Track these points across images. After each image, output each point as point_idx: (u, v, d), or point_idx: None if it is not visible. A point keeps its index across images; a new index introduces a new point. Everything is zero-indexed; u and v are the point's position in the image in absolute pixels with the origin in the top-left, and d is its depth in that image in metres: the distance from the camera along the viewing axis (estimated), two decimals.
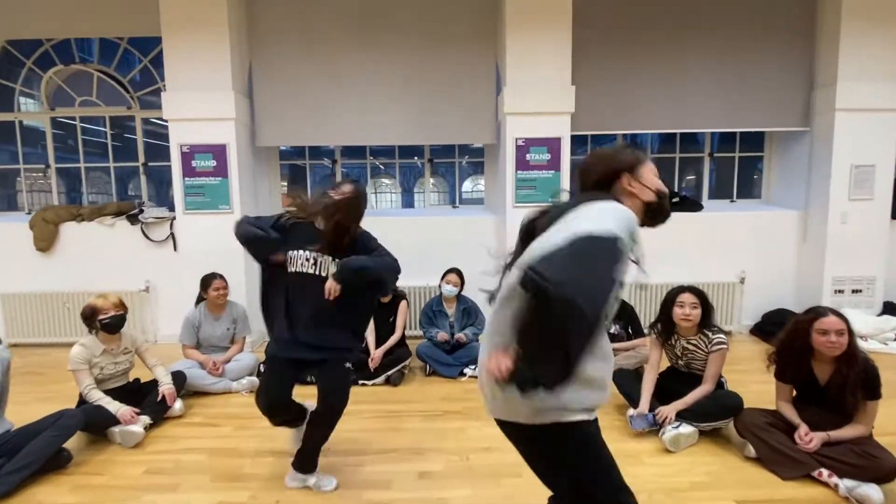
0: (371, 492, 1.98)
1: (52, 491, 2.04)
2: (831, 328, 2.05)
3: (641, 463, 2.18)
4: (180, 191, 3.92)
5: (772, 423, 2.20)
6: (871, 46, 3.86)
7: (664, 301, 2.59)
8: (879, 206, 4.04)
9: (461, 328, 3.43)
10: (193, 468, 2.19)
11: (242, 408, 2.85)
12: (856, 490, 1.88)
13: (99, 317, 2.55)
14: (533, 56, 3.79)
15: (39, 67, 4.43)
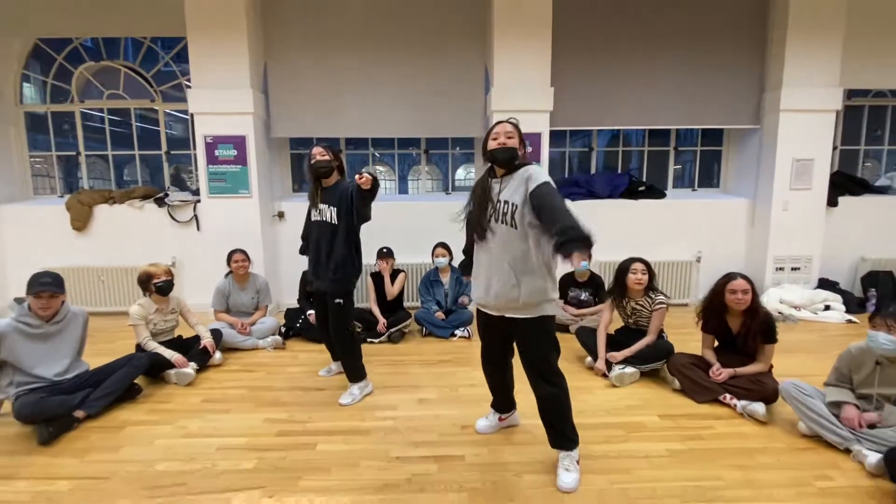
0: (382, 411, 2.57)
1: (132, 413, 2.60)
2: (738, 289, 2.65)
3: (592, 393, 2.78)
4: (204, 177, 4.42)
5: (694, 362, 2.81)
6: (812, 56, 4.42)
7: (618, 270, 3.18)
8: (816, 195, 4.64)
9: (454, 295, 4.02)
10: (239, 398, 2.77)
11: (270, 359, 3.42)
12: (748, 407, 2.49)
13: (153, 281, 3.09)
14: (517, 60, 4.32)
15: (70, 63, 4.87)
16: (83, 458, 2.17)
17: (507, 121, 1.95)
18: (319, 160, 2.59)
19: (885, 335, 2.09)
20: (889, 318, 2.10)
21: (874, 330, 2.14)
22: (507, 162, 1.90)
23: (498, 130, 1.91)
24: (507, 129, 1.91)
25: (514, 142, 1.90)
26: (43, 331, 2.53)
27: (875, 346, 2.12)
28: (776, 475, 1.99)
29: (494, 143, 1.90)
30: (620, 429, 2.37)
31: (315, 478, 1.98)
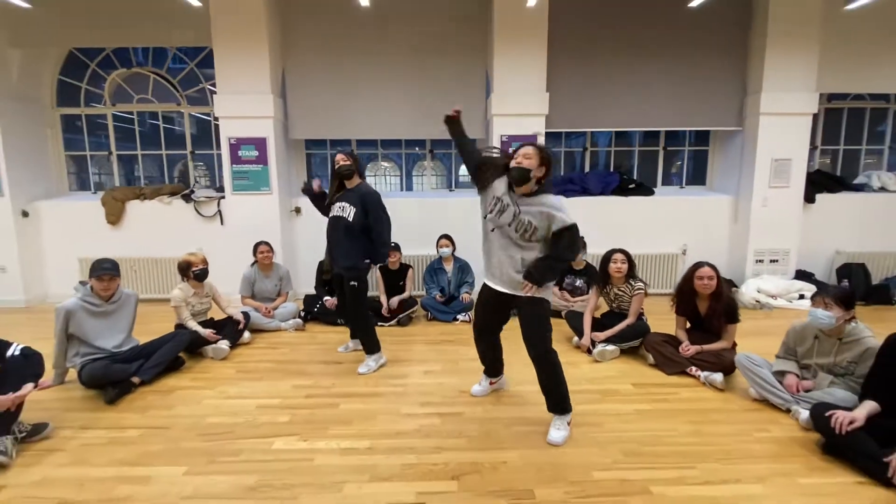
0: (393, 379, 2.99)
1: (178, 381, 3.03)
2: (705, 275, 3.04)
3: (578, 367, 3.18)
4: (229, 175, 4.83)
5: (666, 340, 3.20)
6: (789, 63, 4.76)
7: (602, 260, 3.57)
8: (794, 192, 5.00)
9: (457, 282, 4.43)
10: (269, 369, 3.19)
11: (292, 339, 3.84)
12: (709, 377, 2.89)
13: (192, 268, 3.52)
14: (515, 68, 4.69)
15: (102, 69, 5.29)
16: (144, 413, 2.60)
17: (531, 143, 2.28)
18: (343, 165, 3.02)
19: (822, 311, 2.44)
20: (826, 296, 2.46)
21: (814, 307, 2.51)
22: (518, 180, 2.22)
23: (520, 152, 2.23)
24: (527, 151, 2.22)
25: (531, 163, 2.19)
26: (103, 309, 2.96)
27: (814, 321, 2.49)
28: (723, 428, 2.38)
29: (514, 162, 2.22)
30: (598, 394, 2.77)
31: (340, 428, 2.39)
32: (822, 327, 2.48)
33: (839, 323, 2.40)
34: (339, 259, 3.08)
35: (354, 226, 2.98)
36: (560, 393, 2.34)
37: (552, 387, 2.35)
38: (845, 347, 2.43)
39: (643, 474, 1.99)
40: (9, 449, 2.13)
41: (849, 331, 2.43)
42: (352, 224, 2.98)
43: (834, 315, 2.39)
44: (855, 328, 2.43)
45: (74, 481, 1.98)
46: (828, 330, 2.49)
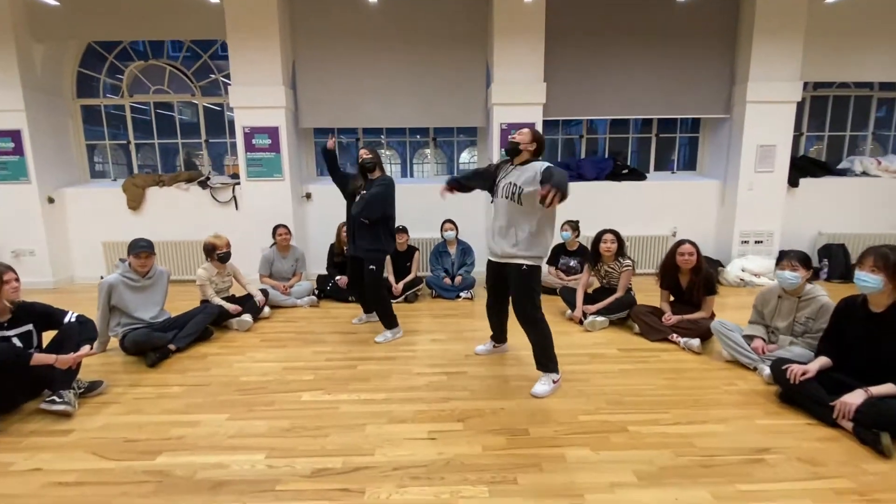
0: (404, 346, 3.31)
1: (209, 349, 3.36)
2: (685, 251, 3.34)
3: (569, 336, 3.50)
4: (243, 163, 5.11)
5: (651, 311, 3.52)
6: (775, 53, 5.01)
7: (593, 240, 3.87)
8: (778, 176, 5.28)
9: (460, 264, 4.75)
10: (290, 338, 3.52)
11: (308, 314, 4.17)
12: (687, 342, 3.21)
13: (217, 251, 3.82)
14: (514, 59, 4.94)
15: (119, 61, 5.54)
16: (184, 374, 2.92)
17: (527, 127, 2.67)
18: (365, 159, 3.34)
19: (789, 272, 2.71)
20: (792, 260, 2.75)
21: (781, 270, 2.77)
22: (511, 153, 2.64)
23: (519, 131, 2.64)
24: (522, 130, 2.64)
25: (523, 138, 2.60)
26: (140, 284, 3.27)
27: (783, 282, 2.75)
28: (696, 383, 2.71)
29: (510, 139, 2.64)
30: (587, 357, 3.10)
31: (359, 384, 2.72)
32: (789, 287, 2.75)
33: (801, 282, 2.71)
34: (360, 243, 3.35)
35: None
36: (545, 352, 2.65)
37: (536, 343, 2.66)
38: (804, 305, 2.74)
39: (623, 418, 2.31)
40: (72, 400, 2.46)
41: (807, 290, 2.75)
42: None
43: (800, 275, 2.69)
44: (812, 288, 2.75)
45: (134, 426, 2.31)
46: (790, 290, 2.78)
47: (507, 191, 2.58)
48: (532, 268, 2.61)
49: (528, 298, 2.64)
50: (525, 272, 2.60)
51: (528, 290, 2.64)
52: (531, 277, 2.62)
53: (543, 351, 2.66)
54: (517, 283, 2.64)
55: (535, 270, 2.63)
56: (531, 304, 2.64)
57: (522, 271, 2.60)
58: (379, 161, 3.37)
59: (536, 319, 2.65)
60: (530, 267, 2.60)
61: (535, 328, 2.65)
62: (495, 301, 2.96)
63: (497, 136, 5.06)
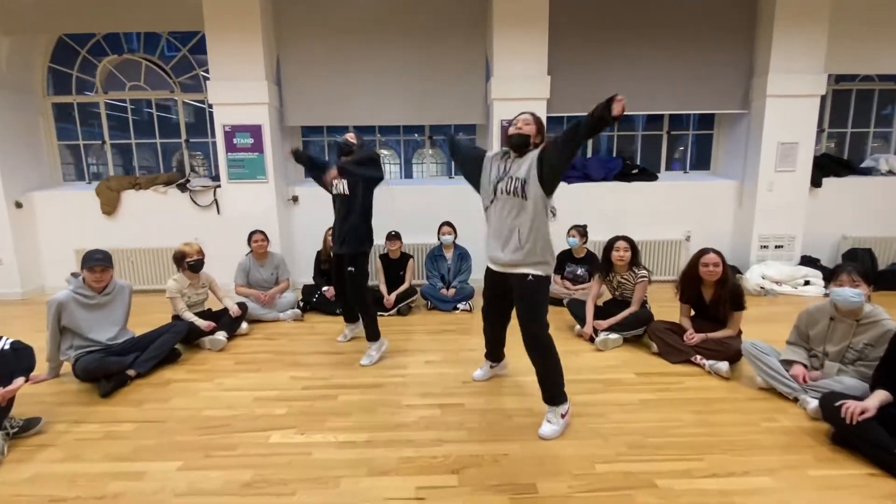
0: (393, 370, 2.94)
1: (175, 373, 2.98)
2: (710, 262, 2.96)
3: (579, 356, 3.13)
4: (224, 163, 4.74)
5: (670, 328, 3.14)
6: (797, 43, 4.63)
7: (605, 248, 3.49)
8: (800, 176, 4.90)
9: (456, 269, 4.37)
10: (267, 360, 3.14)
11: (290, 330, 3.79)
12: (714, 365, 2.83)
13: (187, 259, 3.45)
14: (516, 51, 4.57)
15: (92, 56, 5.17)
16: (140, 406, 2.55)
17: (527, 112, 2.28)
18: (350, 142, 3.06)
19: (850, 289, 2.31)
20: (852, 273, 2.34)
21: (839, 287, 2.35)
22: (519, 146, 2.23)
23: (518, 119, 2.25)
24: (525, 118, 2.25)
25: (530, 129, 2.22)
26: (96, 301, 2.90)
27: (843, 301, 2.33)
28: (729, 417, 2.33)
29: (513, 130, 2.26)
30: (600, 384, 2.72)
31: (338, 420, 2.35)
32: (851, 307, 2.34)
33: (864, 301, 2.32)
34: (338, 234, 3.04)
35: (350, 195, 2.95)
36: (553, 380, 2.27)
37: (544, 373, 2.28)
38: (862, 329, 2.35)
39: (648, 467, 1.94)
40: (0, 445, 2.09)
41: (868, 311, 2.35)
42: (348, 195, 2.94)
43: (863, 293, 2.30)
44: (874, 309, 2.35)
45: (66, 478, 1.94)
46: (846, 310, 2.38)
47: (508, 186, 2.23)
48: (540, 278, 2.24)
49: (534, 316, 2.26)
50: (532, 283, 2.23)
51: (536, 305, 2.26)
52: (539, 290, 2.25)
53: (551, 381, 2.28)
54: (522, 297, 2.27)
55: (543, 282, 2.26)
56: (538, 323, 2.26)
57: (528, 283, 2.23)
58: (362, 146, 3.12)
59: (545, 344, 2.26)
60: (538, 277, 2.23)
61: (543, 355, 2.27)
62: (493, 311, 2.60)
63: (497, 134, 4.68)
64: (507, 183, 2.22)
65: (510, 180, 2.21)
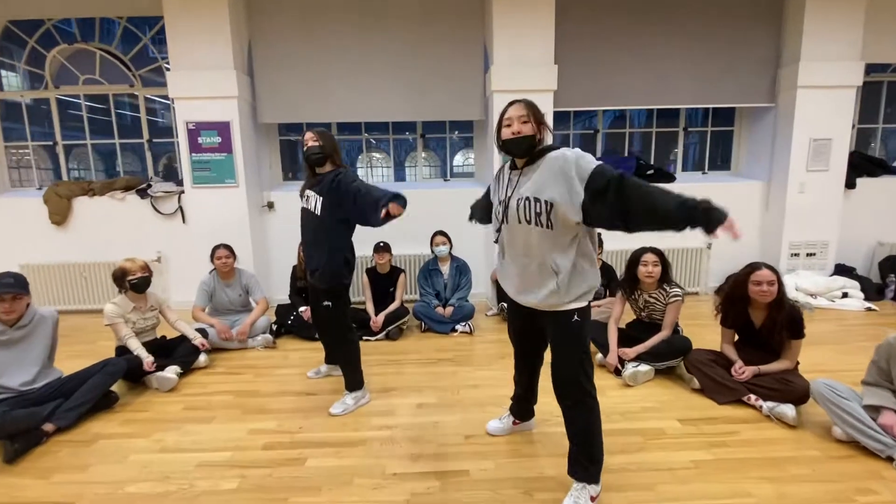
0: (378, 418, 2.37)
1: (105, 424, 2.40)
2: (763, 279, 2.43)
3: (605, 395, 2.56)
4: (188, 166, 4.16)
5: (714, 359, 2.61)
6: (831, 29, 4.15)
7: (629, 261, 2.96)
8: (834, 176, 4.41)
9: (454, 285, 3.81)
10: (224, 405, 2.56)
11: (259, 360, 3.22)
12: (775, 409, 2.30)
13: (128, 278, 2.87)
14: (518, 36, 4.04)
15: (42, 46, 4.58)
16: (49, 478, 1.97)
17: (520, 101, 1.67)
18: (311, 147, 2.35)
19: None
20: None
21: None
22: (524, 152, 1.66)
23: (510, 115, 1.65)
24: (519, 112, 1.63)
25: (530, 127, 1.62)
26: (7, 337, 2.32)
27: None
28: (812, 489, 1.79)
29: (508, 132, 1.65)
30: (637, 435, 2.18)
31: (303, 498, 1.78)
32: None
33: None
34: (308, 262, 2.45)
35: (325, 220, 2.34)
36: (591, 450, 1.72)
37: (582, 438, 1.73)
38: None
39: None
40: None
41: None
42: (321, 218, 2.34)
43: None
44: None
45: None
46: None
47: (524, 212, 1.63)
48: (584, 314, 1.67)
49: (577, 362, 1.68)
50: (577, 324, 1.66)
51: (579, 348, 1.69)
52: (584, 329, 1.69)
53: (588, 448, 1.72)
54: (563, 339, 1.70)
55: (587, 317, 1.70)
56: (582, 371, 1.69)
57: (573, 323, 1.66)
58: (332, 150, 2.38)
59: (584, 394, 1.70)
60: (583, 312, 1.67)
61: (580, 408, 1.71)
62: (527, 352, 2.03)
63: None
64: (524, 207, 1.62)
65: (526, 203, 1.62)
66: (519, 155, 1.68)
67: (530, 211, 1.60)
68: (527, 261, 1.68)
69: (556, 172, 1.56)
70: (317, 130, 2.37)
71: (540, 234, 1.61)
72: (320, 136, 2.35)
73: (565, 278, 1.61)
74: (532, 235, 1.63)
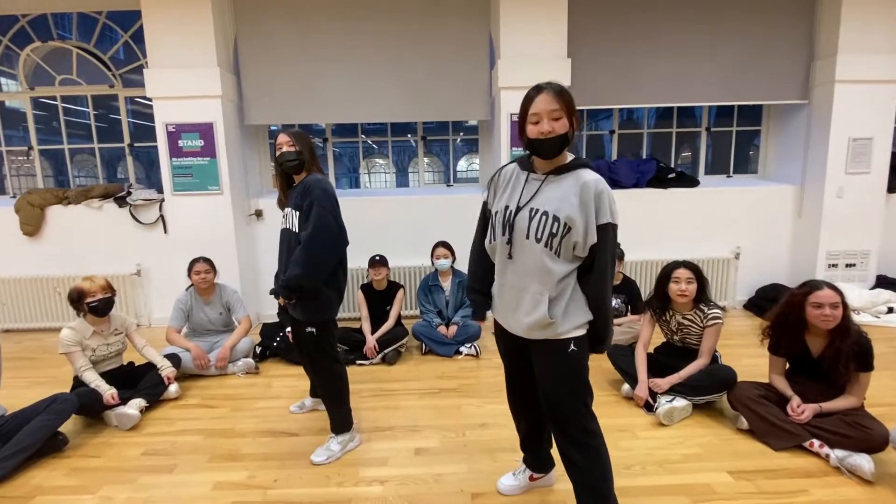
0: (368, 469, 1.99)
1: (49, 475, 2.04)
2: (826, 301, 2.04)
3: (635, 437, 2.19)
4: (167, 172, 3.83)
5: (764, 395, 2.21)
6: (872, 18, 3.77)
7: (659, 277, 2.57)
8: (876, 179, 4.01)
9: (457, 302, 3.43)
10: (190, 449, 2.19)
11: (238, 389, 2.85)
12: (847, 460, 1.90)
13: (87, 300, 2.52)
14: (528, 27, 3.69)
15: (16, 45, 4.27)
16: None
17: (549, 86, 1.34)
18: (285, 152, 2.00)
19: None
20: None
21: None
22: (554, 154, 1.38)
23: (539, 109, 1.33)
24: (551, 105, 1.32)
25: (563, 123, 1.33)
26: None
27: None
28: None
29: (536, 131, 1.33)
30: (681, 494, 1.78)
31: None
32: None
33: None
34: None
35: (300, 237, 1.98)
36: (599, 495, 1.44)
37: (586, 481, 1.45)
38: None
39: None
40: None
41: None
42: (300, 236, 1.98)
43: None
44: None
45: None
46: None
47: (537, 227, 1.36)
48: (582, 344, 1.41)
49: (574, 397, 1.43)
50: (573, 356, 1.39)
51: (575, 382, 1.43)
52: (581, 361, 1.42)
53: (595, 492, 1.43)
54: (557, 372, 1.43)
55: (585, 347, 1.42)
56: (581, 402, 1.43)
57: (569, 355, 1.39)
58: (308, 155, 2.02)
59: (582, 430, 1.44)
60: (580, 343, 1.39)
61: (580, 446, 1.44)
62: (522, 380, 1.66)
63: (506, 132, 3.79)
64: (539, 222, 1.36)
65: (543, 218, 1.36)
66: (549, 156, 1.36)
67: (544, 229, 1.34)
68: (522, 279, 1.41)
69: (585, 201, 1.34)
70: (292, 132, 2.02)
71: (547, 257, 1.37)
72: (297, 138, 2.00)
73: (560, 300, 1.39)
74: (537, 256, 1.36)
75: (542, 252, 1.36)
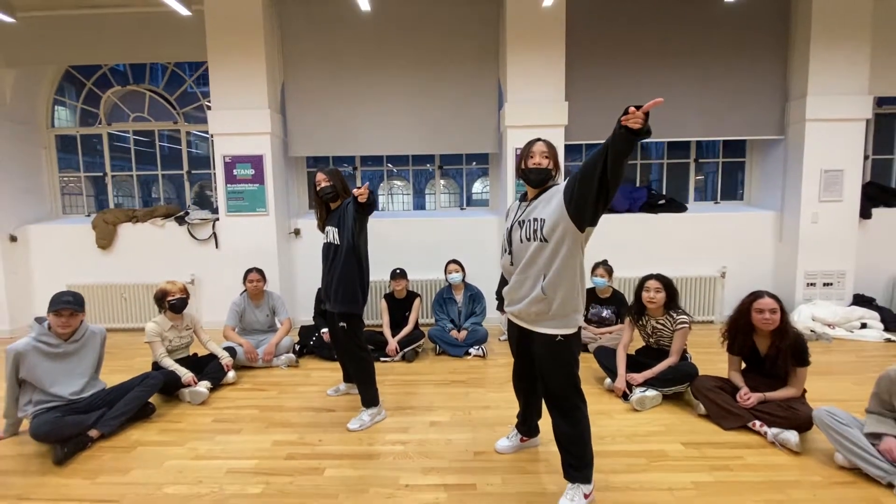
0: (392, 434, 2.51)
1: (144, 433, 2.61)
2: (766, 307, 2.52)
3: (611, 418, 2.66)
4: (223, 196, 4.50)
5: (720, 386, 2.67)
6: (836, 64, 4.27)
7: (636, 287, 3.07)
8: (848, 207, 4.44)
9: (468, 312, 3.96)
10: (251, 418, 2.75)
11: (283, 377, 3.41)
12: (779, 435, 2.34)
13: (168, 298, 3.13)
14: (530, 75, 4.30)
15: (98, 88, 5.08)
16: (94, 479, 2.17)
17: (545, 140, 1.92)
18: (324, 187, 2.63)
19: None
20: None
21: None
22: (540, 182, 1.89)
23: (535, 150, 1.89)
24: (542, 149, 1.89)
25: (549, 162, 1.88)
26: (61, 350, 2.57)
27: None
28: None
29: (531, 162, 1.89)
30: (642, 457, 2.25)
31: None
32: None
33: None
34: (330, 291, 2.65)
35: (342, 248, 2.56)
36: (580, 453, 1.88)
37: (570, 443, 1.89)
38: None
39: None
40: None
41: None
42: (341, 245, 2.57)
43: None
44: None
45: None
46: None
47: (528, 230, 1.87)
48: (569, 337, 1.86)
49: (562, 379, 1.88)
50: (560, 344, 1.85)
51: (564, 367, 1.88)
52: (568, 351, 1.87)
53: (577, 451, 1.88)
54: (548, 359, 1.90)
55: (572, 340, 1.87)
56: (569, 384, 1.88)
57: (556, 344, 1.85)
58: (341, 186, 2.65)
59: (572, 407, 1.89)
60: (567, 337, 1.85)
61: (569, 418, 1.89)
62: (524, 370, 2.18)
63: (511, 163, 4.36)
64: (529, 227, 1.86)
65: (531, 223, 1.85)
66: (535, 184, 1.90)
67: (529, 229, 1.86)
68: (522, 274, 1.89)
69: (552, 197, 1.83)
70: (327, 171, 2.65)
71: (537, 248, 1.82)
72: (331, 175, 2.64)
73: (552, 292, 1.80)
74: (531, 251, 1.84)
75: (532, 246, 1.82)
